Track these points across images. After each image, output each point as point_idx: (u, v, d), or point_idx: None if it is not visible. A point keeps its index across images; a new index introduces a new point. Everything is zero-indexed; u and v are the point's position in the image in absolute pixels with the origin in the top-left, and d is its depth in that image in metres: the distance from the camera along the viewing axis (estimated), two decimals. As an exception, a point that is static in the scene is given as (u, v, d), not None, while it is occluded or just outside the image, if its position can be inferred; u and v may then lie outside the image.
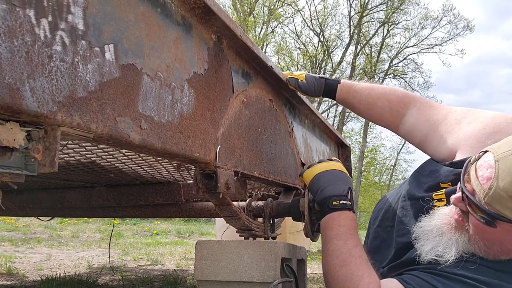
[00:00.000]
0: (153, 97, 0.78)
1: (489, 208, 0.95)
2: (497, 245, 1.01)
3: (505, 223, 0.95)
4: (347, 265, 1.11)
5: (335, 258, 1.14)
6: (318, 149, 2.23)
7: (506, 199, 0.92)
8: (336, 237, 1.17)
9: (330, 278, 1.15)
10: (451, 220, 1.08)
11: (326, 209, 1.22)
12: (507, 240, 0.99)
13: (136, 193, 2.05)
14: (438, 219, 1.11)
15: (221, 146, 1.05)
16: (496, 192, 0.93)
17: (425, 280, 1.05)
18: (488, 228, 0.98)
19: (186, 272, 3.60)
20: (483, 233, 1.01)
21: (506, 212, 0.93)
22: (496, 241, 1.00)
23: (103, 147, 1.38)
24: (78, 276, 2.94)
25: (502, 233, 0.98)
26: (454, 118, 1.29)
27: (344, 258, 1.13)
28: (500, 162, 0.95)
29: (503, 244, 1.00)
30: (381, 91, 1.48)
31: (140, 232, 8.27)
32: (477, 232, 1.02)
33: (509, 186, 0.92)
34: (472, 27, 19.94)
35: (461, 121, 1.27)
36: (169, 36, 0.83)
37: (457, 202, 1.04)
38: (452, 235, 1.07)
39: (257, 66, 1.29)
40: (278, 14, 19.22)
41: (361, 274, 1.09)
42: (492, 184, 0.94)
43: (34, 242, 5.55)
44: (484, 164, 0.98)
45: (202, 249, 1.23)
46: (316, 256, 4.98)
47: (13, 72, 0.50)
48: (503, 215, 0.94)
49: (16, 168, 0.57)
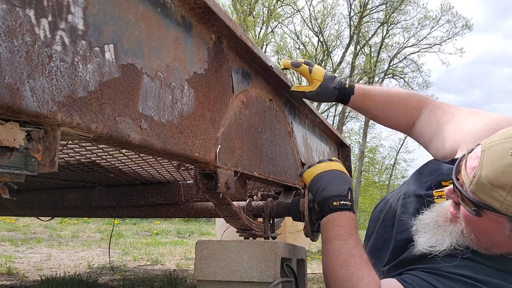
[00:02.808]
0: (153, 97, 0.78)
1: (474, 196, 0.97)
2: (486, 237, 1.02)
3: (491, 212, 0.96)
4: (347, 265, 1.12)
5: (335, 259, 1.14)
6: (318, 149, 2.23)
7: (488, 188, 0.94)
8: (336, 238, 1.17)
9: (330, 278, 1.15)
10: (447, 213, 1.10)
11: (326, 209, 1.22)
12: (494, 231, 1.00)
13: (136, 193, 2.05)
14: (435, 212, 1.13)
15: (221, 146, 1.05)
16: (480, 180, 0.95)
17: (425, 280, 1.05)
18: (476, 219, 1.00)
19: (186, 272, 3.60)
20: (472, 224, 1.02)
21: (490, 200, 0.95)
22: (485, 232, 1.01)
23: (103, 147, 1.38)
24: (78, 276, 2.94)
25: (489, 223, 0.99)
26: (458, 119, 1.31)
27: (344, 259, 1.13)
28: (486, 152, 0.97)
29: (492, 236, 1.01)
30: (397, 96, 1.47)
31: (140, 232, 8.27)
32: (468, 223, 1.03)
33: (491, 174, 0.94)
34: (471, 26, 19.97)
35: (464, 121, 1.28)
36: (169, 36, 0.83)
37: (450, 194, 1.07)
38: (447, 227, 1.09)
39: (257, 66, 1.29)
40: (277, 14, 19.23)
41: (361, 274, 1.09)
42: (476, 173, 0.96)
43: (34, 242, 5.55)
44: (473, 155, 1.00)
45: (202, 249, 1.23)
46: (316, 256, 4.98)
47: (13, 72, 0.50)
48: (487, 204, 0.95)
49: (16, 168, 0.57)
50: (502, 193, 0.92)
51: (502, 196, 0.92)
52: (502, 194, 0.92)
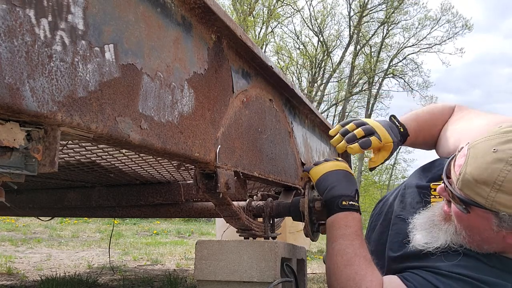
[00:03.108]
0: (153, 97, 0.78)
1: (460, 193, 0.99)
2: (476, 233, 1.04)
3: (478, 208, 0.98)
4: (351, 265, 1.13)
5: (339, 258, 1.16)
6: (318, 149, 2.23)
7: (473, 184, 0.96)
8: (343, 237, 1.18)
9: (333, 277, 1.16)
10: (441, 212, 1.12)
11: (335, 208, 1.23)
12: (483, 227, 1.01)
13: (136, 193, 2.05)
14: (431, 211, 1.16)
15: (221, 146, 1.05)
16: (465, 177, 0.97)
17: (426, 279, 1.06)
18: (465, 216, 1.02)
19: (186, 272, 3.60)
20: (463, 221, 1.04)
21: (475, 197, 0.97)
22: (475, 228, 1.03)
23: (103, 147, 1.38)
24: (78, 276, 2.94)
25: (477, 219, 1.00)
26: (466, 118, 1.34)
27: (349, 258, 1.14)
28: (471, 149, 0.99)
29: (481, 232, 1.02)
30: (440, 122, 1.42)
31: (140, 232, 8.27)
32: (458, 220, 1.06)
33: (474, 171, 0.96)
34: (471, 26, 19.98)
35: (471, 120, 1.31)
36: (169, 36, 0.83)
37: (441, 192, 1.09)
38: (442, 226, 1.11)
39: (257, 66, 1.29)
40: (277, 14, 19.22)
41: (364, 273, 1.11)
42: (462, 170, 0.99)
43: (34, 242, 5.55)
44: (461, 153, 1.02)
45: (202, 249, 1.23)
46: (316, 256, 4.98)
47: (13, 72, 0.50)
48: (473, 200, 0.97)
49: (16, 168, 0.57)
50: (486, 189, 0.94)
51: (486, 192, 0.94)
52: (486, 190, 0.94)
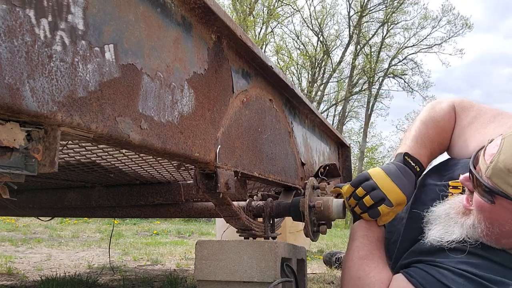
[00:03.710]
0: (153, 97, 0.78)
1: (488, 181, 0.99)
2: (496, 226, 1.03)
3: (503, 199, 0.97)
4: (364, 259, 1.20)
5: (356, 253, 1.22)
6: (318, 149, 2.23)
7: (504, 173, 0.95)
8: (363, 237, 1.25)
9: (345, 269, 1.23)
10: (459, 206, 1.12)
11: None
12: (505, 220, 1.01)
13: (136, 193, 2.05)
14: (448, 205, 1.15)
15: (221, 146, 1.05)
16: (496, 165, 0.97)
17: (429, 273, 1.08)
18: (488, 207, 1.01)
19: (186, 272, 3.60)
20: (484, 212, 1.04)
21: (504, 186, 0.96)
22: (496, 221, 1.03)
23: (103, 147, 1.38)
24: (78, 276, 2.93)
25: (501, 211, 1.00)
26: (481, 122, 1.31)
27: (364, 254, 1.21)
28: (506, 139, 0.98)
29: (502, 225, 1.02)
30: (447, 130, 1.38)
31: (140, 232, 8.27)
32: (480, 211, 1.05)
33: (508, 160, 0.95)
34: (471, 25, 19.99)
35: (487, 125, 1.29)
36: (169, 36, 0.83)
37: (465, 181, 1.09)
38: (459, 219, 1.11)
39: (257, 66, 1.29)
40: (277, 14, 19.22)
41: (374, 265, 1.16)
42: (494, 159, 0.98)
43: (34, 242, 5.55)
44: (494, 143, 1.02)
45: (202, 249, 1.23)
46: (316, 256, 4.97)
47: (13, 72, 0.50)
48: (501, 190, 0.97)
49: (16, 168, 0.57)
50: None
51: None
52: None
